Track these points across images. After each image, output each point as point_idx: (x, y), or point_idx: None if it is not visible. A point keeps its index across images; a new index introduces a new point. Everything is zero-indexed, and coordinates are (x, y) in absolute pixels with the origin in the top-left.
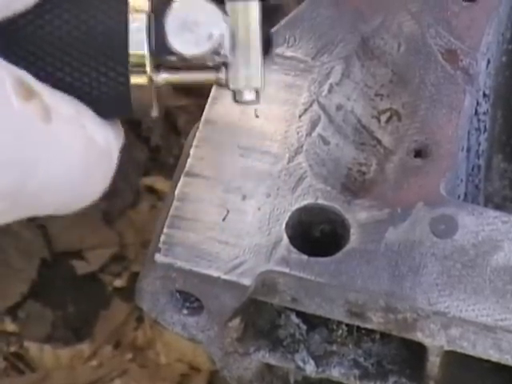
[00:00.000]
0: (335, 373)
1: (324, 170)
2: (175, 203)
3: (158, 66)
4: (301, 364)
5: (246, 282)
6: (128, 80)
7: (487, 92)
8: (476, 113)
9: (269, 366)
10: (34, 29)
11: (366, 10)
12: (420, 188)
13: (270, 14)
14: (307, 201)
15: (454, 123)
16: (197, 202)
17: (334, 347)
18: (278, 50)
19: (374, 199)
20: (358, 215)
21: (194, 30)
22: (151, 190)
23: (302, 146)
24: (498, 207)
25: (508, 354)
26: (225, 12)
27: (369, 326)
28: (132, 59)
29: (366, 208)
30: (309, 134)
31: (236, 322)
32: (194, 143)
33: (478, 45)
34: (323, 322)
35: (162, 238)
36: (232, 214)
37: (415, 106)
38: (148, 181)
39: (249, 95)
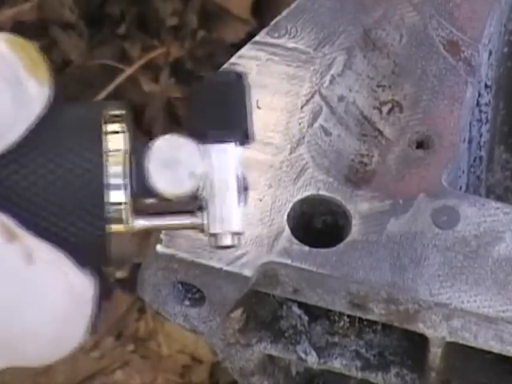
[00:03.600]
0: (337, 364)
1: (326, 161)
2: None
3: (135, 211)
4: (302, 355)
5: (248, 273)
6: (105, 227)
7: (489, 83)
8: (478, 104)
9: (271, 357)
10: (7, 174)
11: (368, 1)
12: (422, 179)
13: None
14: (309, 192)
15: (455, 114)
16: None
17: (336, 338)
18: (280, 41)
19: (376, 190)
20: (359, 206)
21: (174, 168)
22: None
23: (303, 137)
24: (500, 198)
25: (510, 346)
26: (203, 153)
27: (370, 318)
28: (109, 206)
29: (368, 199)
30: (310, 125)
31: (238, 313)
32: None
33: (479, 36)
34: (325, 313)
35: None
36: None
37: (417, 97)
38: None
39: (227, 240)
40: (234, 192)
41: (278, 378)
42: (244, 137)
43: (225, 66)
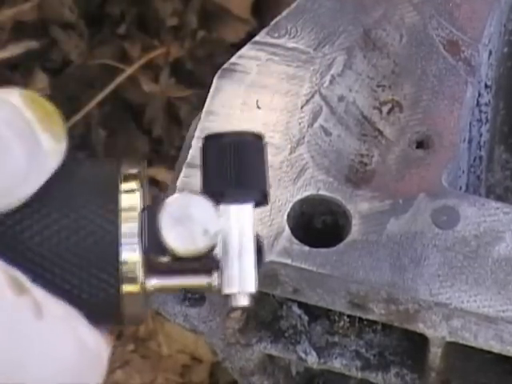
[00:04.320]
0: (337, 364)
1: (326, 161)
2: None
3: (149, 270)
4: (303, 355)
5: None
6: (119, 285)
7: (489, 83)
8: (478, 104)
9: (271, 357)
10: (20, 229)
11: (368, 2)
12: (422, 179)
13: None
14: (309, 192)
15: (455, 114)
16: None
17: (336, 338)
18: (280, 41)
19: (376, 190)
20: (359, 206)
21: (188, 225)
22: (153, 181)
23: (303, 137)
24: (500, 198)
25: (510, 345)
26: (219, 212)
27: (370, 317)
28: (124, 266)
29: (368, 199)
30: (310, 125)
31: (238, 313)
32: (196, 134)
33: (479, 36)
34: (325, 313)
35: None
36: None
37: (417, 97)
38: (150, 172)
39: (244, 300)
40: (251, 253)
41: (278, 378)
42: (262, 198)
43: (225, 66)
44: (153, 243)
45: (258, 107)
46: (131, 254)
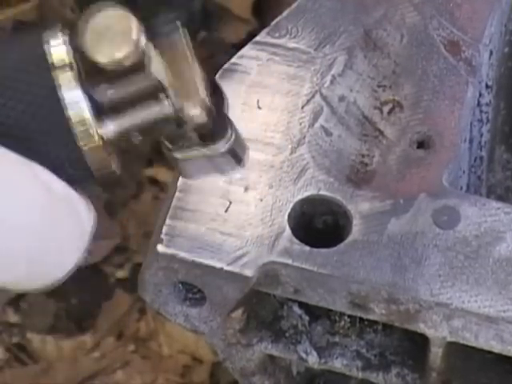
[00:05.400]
0: (338, 364)
1: (326, 161)
2: (177, 194)
3: (99, 117)
4: (303, 355)
5: (249, 273)
6: (77, 145)
7: (490, 83)
8: (478, 104)
9: (271, 357)
10: None
11: (369, 2)
12: (422, 179)
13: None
14: (309, 192)
15: (456, 114)
16: (199, 193)
17: (337, 338)
18: (281, 41)
19: (377, 190)
20: (360, 206)
21: (110, 36)
22: (153, 181)
23: (304, 137)
24: (501, 198)
25: (510, 345)
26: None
27: (371, 317)
28: (75, 126)
29: (369, 199)
30: (311, 125)
31: (238, 313)
32: None
33: (480, 36)
34: (326, 313)
35: (165, 228)
36: (234, 205)
37: (418, 97)
38: (150, 172)
39: (196, 110)
40: (194, 60)
41: (279, 378)
42: (189, 16)
43: (225, 66)
44: (87, 75)
45: (259, 107)
46: (79, 114)
